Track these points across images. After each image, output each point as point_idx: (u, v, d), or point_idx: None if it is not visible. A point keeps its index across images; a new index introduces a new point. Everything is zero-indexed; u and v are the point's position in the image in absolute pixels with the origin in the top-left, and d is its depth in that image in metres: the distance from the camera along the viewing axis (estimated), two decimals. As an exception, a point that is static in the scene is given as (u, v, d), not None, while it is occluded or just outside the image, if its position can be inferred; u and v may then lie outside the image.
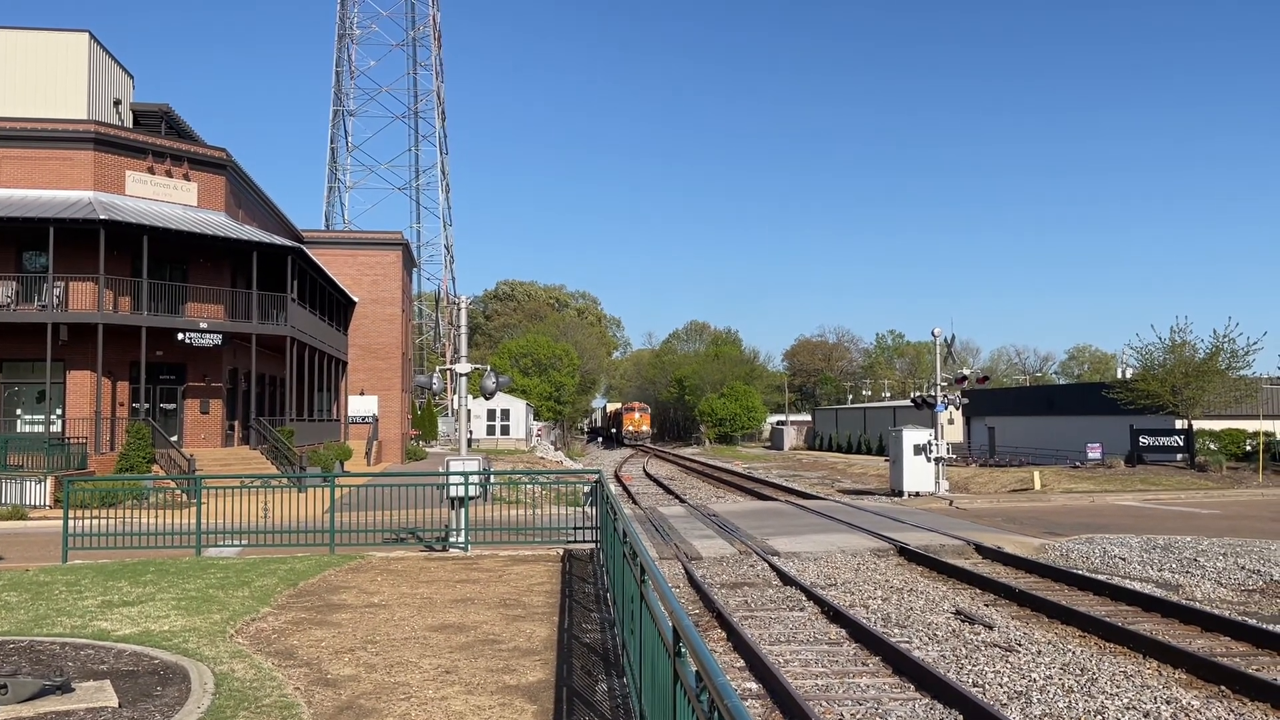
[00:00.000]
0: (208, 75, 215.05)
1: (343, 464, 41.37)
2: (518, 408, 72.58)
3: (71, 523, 16.66)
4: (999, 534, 21.19)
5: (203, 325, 33.67)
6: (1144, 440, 42.89)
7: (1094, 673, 10.24)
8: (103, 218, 30.63)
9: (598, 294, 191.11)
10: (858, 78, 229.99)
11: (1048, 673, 10.26)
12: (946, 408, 34.77)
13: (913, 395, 41.37)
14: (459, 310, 19.81)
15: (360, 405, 51.62)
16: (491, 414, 70.79)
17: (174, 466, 30.64)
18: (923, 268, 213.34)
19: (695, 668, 3.92)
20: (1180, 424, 43.51)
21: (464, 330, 19.42)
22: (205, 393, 35.83)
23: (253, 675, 8.68)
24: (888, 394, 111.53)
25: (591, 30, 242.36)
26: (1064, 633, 12.32)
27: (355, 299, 51.39)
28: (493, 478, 20.27)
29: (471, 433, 45.66)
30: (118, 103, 38.60)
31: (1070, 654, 11.07)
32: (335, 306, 48.45)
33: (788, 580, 15.90)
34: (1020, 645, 11.46)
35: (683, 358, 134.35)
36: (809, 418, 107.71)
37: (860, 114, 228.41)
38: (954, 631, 12.30)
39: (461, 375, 19.07)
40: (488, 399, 19.17)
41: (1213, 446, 42.79)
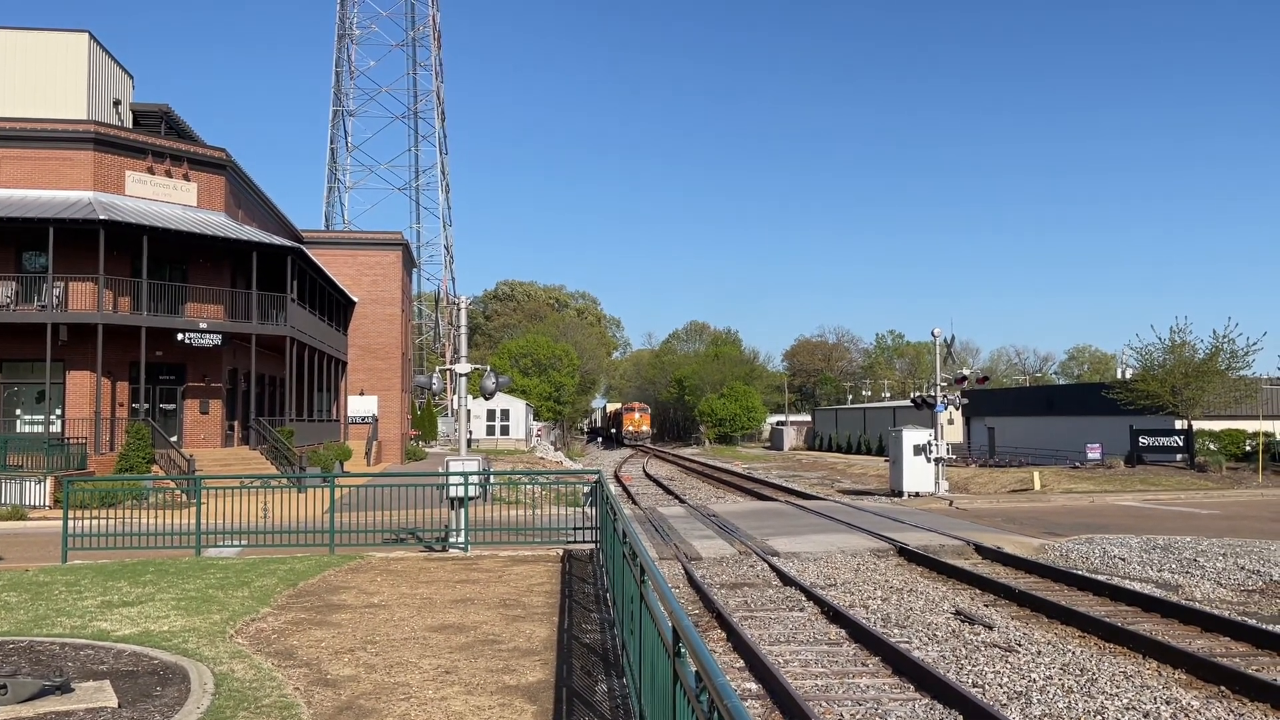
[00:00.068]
0: (208, 75, 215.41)
1: (342, 464, 41.38)
2: (517, 408, 72.60)
3: (71, 523, 16.67)
4: (999, 534, 21.19)
5: (202, 325, 33.68)
6: (1144, 440, 42.91)
7: (1094, 673, 10.25)
8: (102, 218, 30.63)
9: (597, 294, 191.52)
10: (857, 78, 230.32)
11: (1047, 673, 10.26)
12: (946, 408, 34.78)
13: (912, 395, 41.37)
14: (459, 310, 19.81)
15: (360, 405, 51.62)
16: (491, 414, 70.81)
17: (174, 467, 30.64)
18: (923, 268, 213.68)
19: (695, 668, 3.92)
20: (1180, 424, 43.53)
21: (464, 330, 19.42)
22: (205, 393, 35.83)
23: (252, 675, 8.68)
24: (887, 394, 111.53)
25: (591, 30, 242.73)
26: (1064, 633, 12.32)
27: (355, 299, 51.40)
28: (492, 478, 20.27)
29: (471, 433, 45.67)
30: (117, 103, 38.60)
31: (1070, 654, 11.07)
32: (335, 307, 48.46)
33: (787, 580, 15.90)
34: (1020, 645, 11.47)
35: (682, 358, 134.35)
36: (809, 418, 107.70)
37: (860, 114, 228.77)
38: (954, 632, 12.30)
39: (461, 375, 19.07)
40: (487, 399, 19.17)
41: (1212, 447, 42.81)
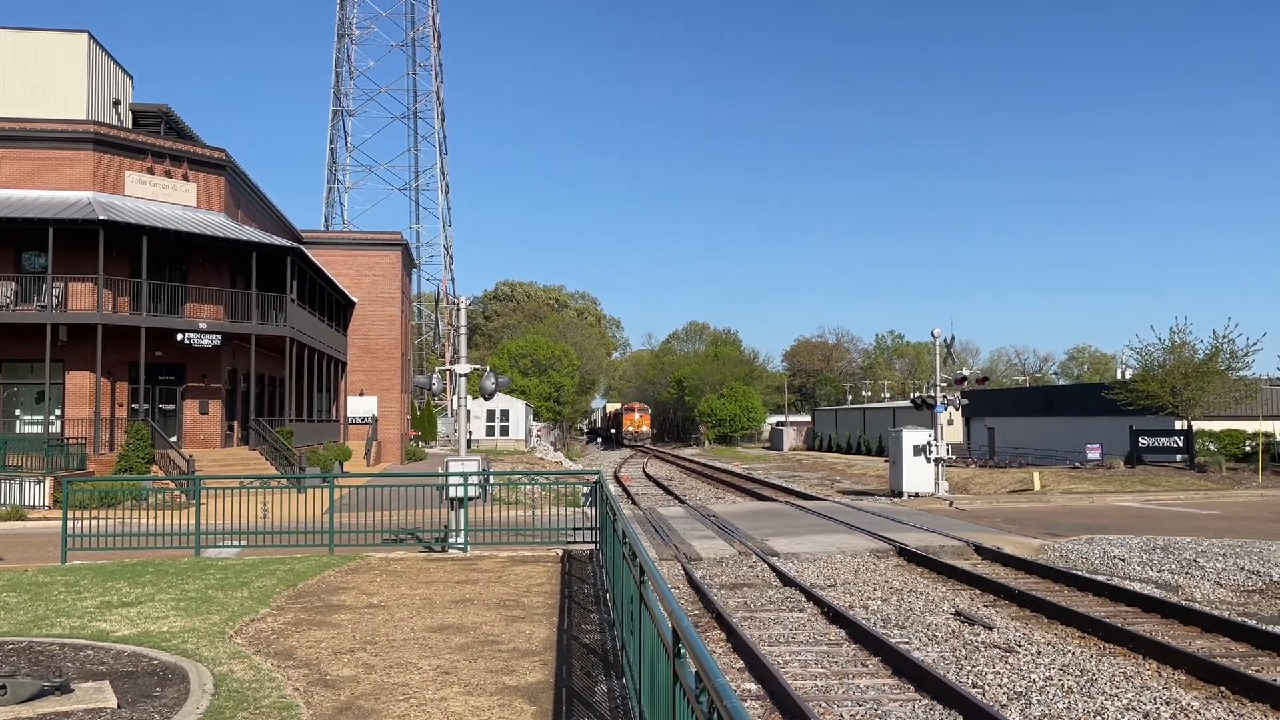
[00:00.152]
0: (208, 75, 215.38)
1: (342, 464, 41.37)
2: (517, 408, 72.60)
3: (70, 523, 16.67)
4: (998, 535, 21.18)
5: (202, 326, 33.67)
6: (1143, 441, 42.91)
7: (1093, 673, 10.24)
8: (102, 218, 30.62)
9: (597, 294, 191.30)
10: (857, 78, 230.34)
11: (1047, 673, 10.26)
12: (946, 408, 34.77)
13: (912, 396, 41.37)
14: (458, 311, 19.81)
15: (359, 406, 51.61)
16: (491, 414, 70.81)
17: (173, 467, 30.64)
18: (923, 268, 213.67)
19: (694, 668, 3.92)
20: (1180, 425, 43.54)
21: (463, 331, 19.42)
22: (204, 393, 35.82)
23: (252, 676, 8.68)
24: (887, 395, 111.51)
25: (591, 30, 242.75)
26: (1064, 633, 12.32)
27: (354, 299, 51.39)
28: (492, 478, 20.26)
29: (471, 433, 45.68)
30: (117, 103, 38.60)
31: (1070, 655, 11.07)
32: (334, 307, 48.45)
33: (787, 581, 15.89)
34: (1020, 646, 11.46)
35: (682, 358, 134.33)
36: (808, 418, 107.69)
37: (860, 114, 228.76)
38: (954, 632, 12.30)
39: (461, 376, 19.07)
40: (487, 399, 19.17)
41: (1212, 447, 42.82)
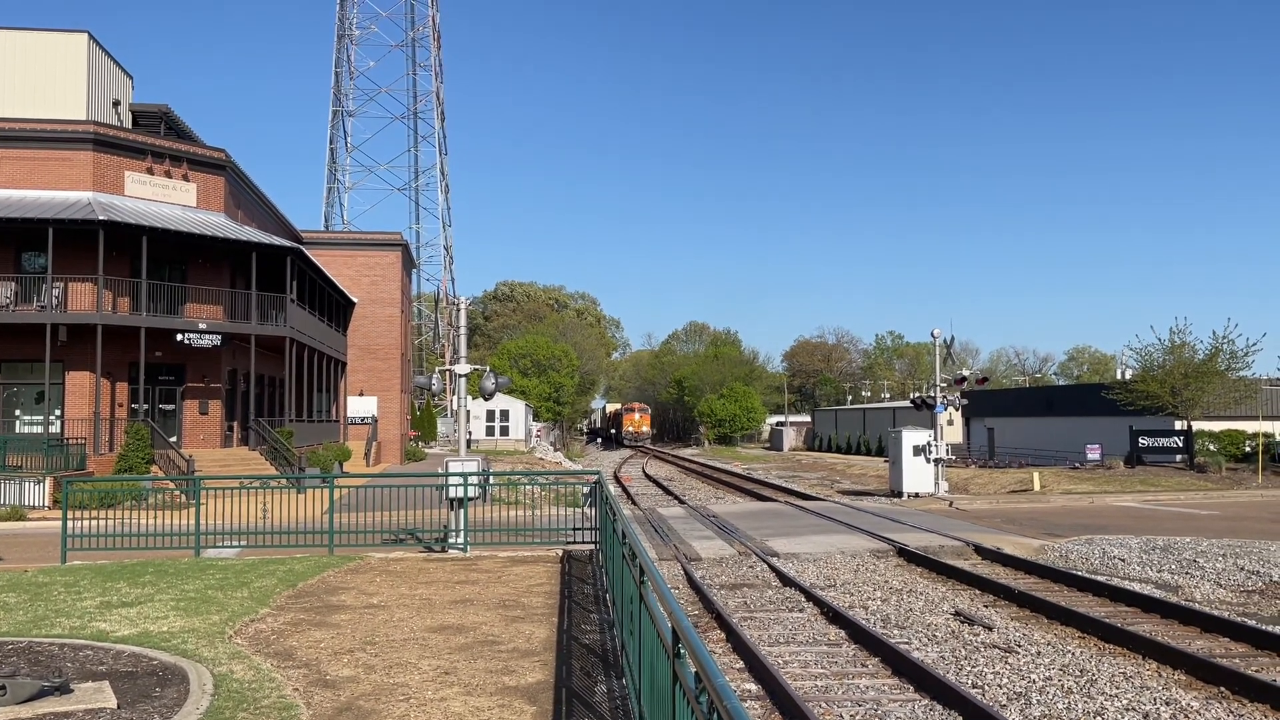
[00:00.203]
0: (208, 75, 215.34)
1: (342, 465, 41.37)
2: (517, 408, 72.61)
3: (70, 523, 16.67)
4: (998, 535, 21.18)
5: (202, 326, 33.67)
6: (1143, 441, 42.92)
7: (1093, 674, 10.24)
8: (102, 218, 30.62)
9: (597, 295, 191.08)
10: (857, 78, 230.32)
11: (1047, 674, 10.26)
12: (946, 409, 34.77)
13: (912, 396, 41.37)
14: (458, 311, 19.81)
15: (359, 406, 51.61)
16: (491, 415, 70.82)
17: (173, 467, 30.63)
18: (922, 268, 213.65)
19: (694, 669, 3.92)
20: (1180, 425, 43.56)
21: (463, 331, 19.42)
22: (204, 393, 35.82)
23: (251, 676, 8.68)
24: (887, 395, 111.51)
25: (590, 31, 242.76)
26: (1063, 633, 12.32)
27: (354, 300, 51.39)
28: (492, 479, 20.26)
29: (471, 433, 45.68)
30: (117, 103, 38.60)
31: (1070, 655, 11.07)
32: (334, 307, 48.45)
33: (787, 581, 15.89)
34: (1020, 646, 11.46)
35: (682, 358, 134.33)
36: (808, 419, 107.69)
37: (860, 114, 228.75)
38: (953, 632, 12.30)
39: (461, 376, 19.06)
40: (487, 400, 19.16)
41: (1212, 447, 42.83)
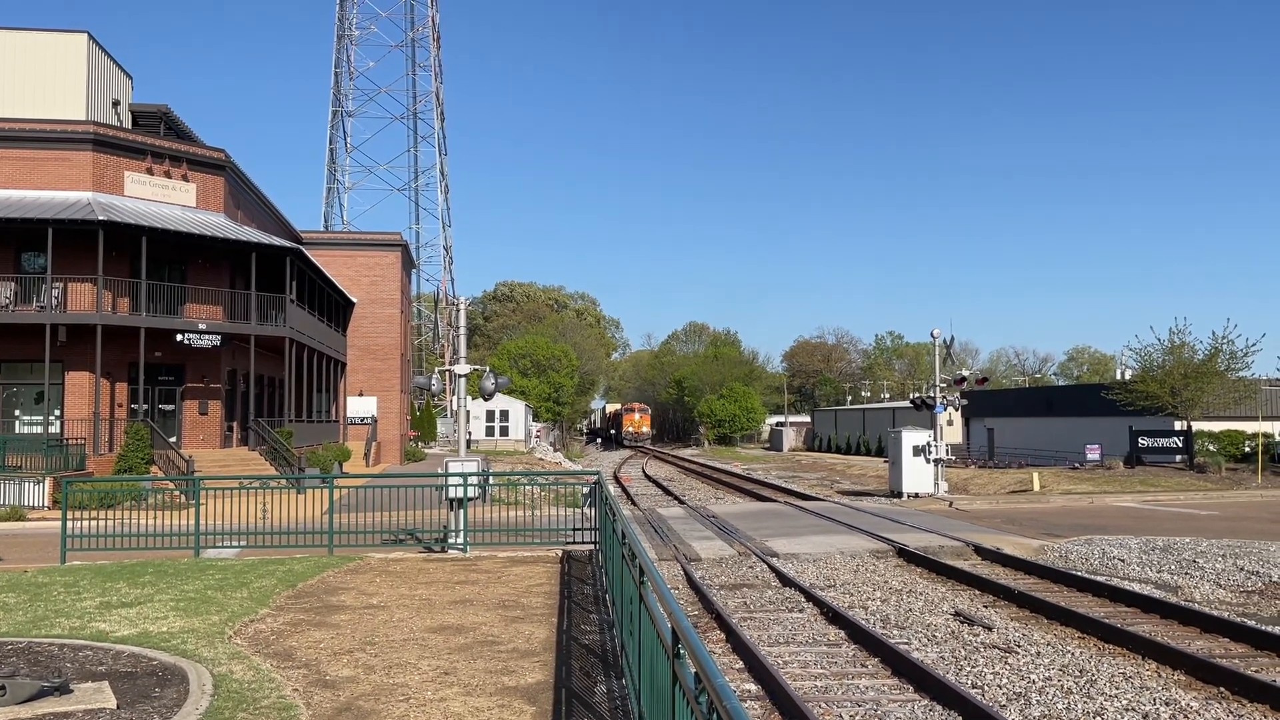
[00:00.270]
0: (208, 75, 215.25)
1: (341, 465, 41.36)
2: (517, 409, 72.63)
3: (70, 524, 16.67)
4: (998, 535, 21.19)
5: (201, 326, 33.66)
6: (1143, 441, 42.93)
7: (1093, 674, 10.24)
8: (101, 218, 30.62)
9: (597, 295, 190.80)
10: (857, 78, 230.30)
11: (1047, 674, 10.26)
12: (946, 409, 34.78)
13: (912, 396, 41.37)
14: (458, 311, 19.80)
15: (359, 406, 51.60)
16: (490, 415, 70.85)
17: (172, 467, 30.63)
18: (922, 268, 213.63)
19: (694, 669, 3.91)
20: (1179, 425, 43.56)
21: (463, 331, 19.41)
22: (204, 394, 35.81)
23: (251, 677, 8.68)
24: (887, 395, 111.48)
25: (590, 31, 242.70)
26: (1063, 634, 12.32)
27: (354, 300, 51.39)
28: (491, 479, 20.26)
29: (470, 434, 45.66)
30: (116, 103, 38.59)
31: (1069, 655, 11.07)
32: (334, 307, 48.44)
33: (787, 581, 15.89)
34: (1019, 646, 11.46)
35: (682, 359, 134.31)
36: (808, 419, 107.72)
37: (860, 115, 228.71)
38: (953, 633, 12.30)
39: (460, 376, 19.06)
40: (487, 400, 19.16)
41: (1212, 448, 42.83)
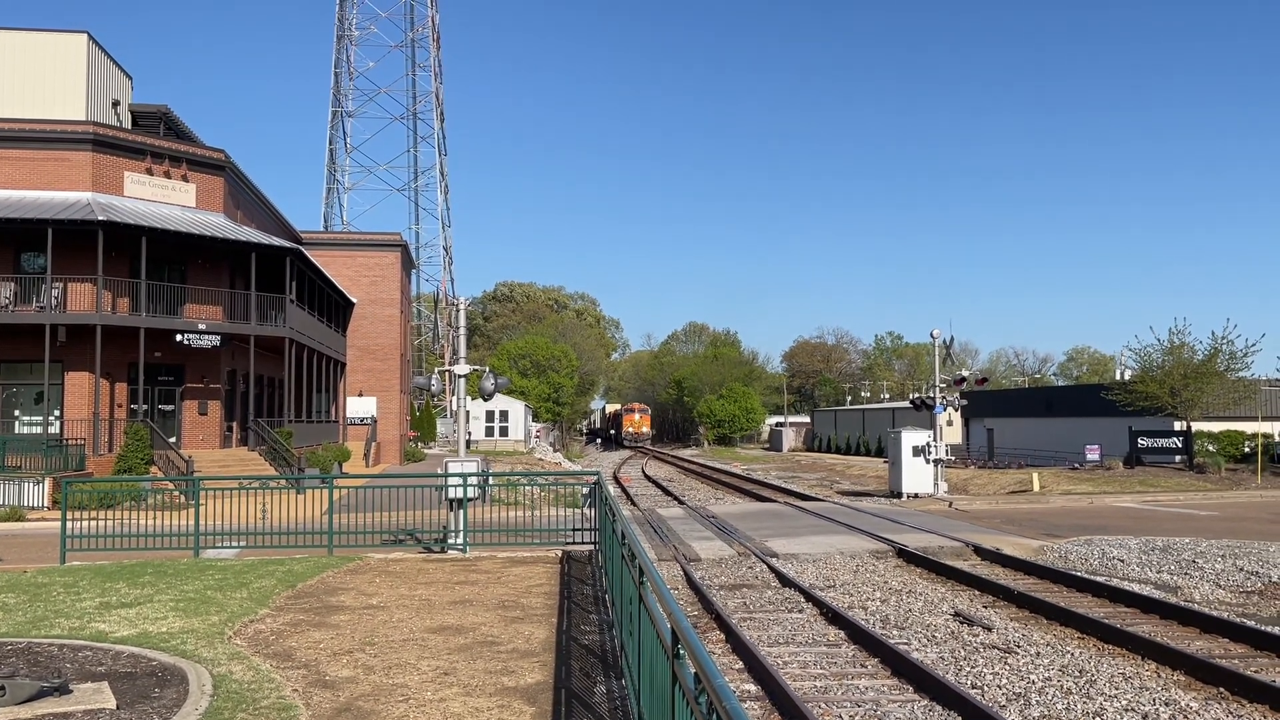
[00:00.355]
0: (207, 75, 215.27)
1: (341, 465, 41.35)
2: (516, 409, 72.62)
3: (69, 524, 16.66)
4: (998, 535, 21.19)
5: (201, 326, 33.66)
6: (1142, 442, 42.93)
7: (1093, 674, 10.24)
8: (101, 219, 30.61)
9: (596, 295, 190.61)
10: (857, 79, 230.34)
11: (1046, 674, 10.26)
12: (945, 409, 34.79)
13: (911, 397, 41.37)
14: (458, 311, 19.80)
15: (359, 406, 51.59)
16: (490, 415, 70.86)
17: (172, 468, 30.62)
18: (922, 268, 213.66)
19: (694, 669, 3.91)
20: (1179, 426, 43.56)
21: (463, 331, 19.41)
22: (203, 394, 35.81)
23: (251, 677, 8.67)
24: (886, 395, 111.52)
25: (591, 30, 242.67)
26: (1063, 634, 12.32)
27: (354, 300, 51.38)
28: (491, 479, 20.25)
29: (470, 434, 45.67)
30: (116, 103, 38.59)
31: (1069, 655, 11.07)
32: (334, 308, 48.43)
33: (786, 582, 15.89)
34: (1019, 647, 11.46)
35: (681, 359, 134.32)
36: (808, 419, 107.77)
37: (860, 115, 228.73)
38: (953, 633, 12.30)
39: (460, 377, 19.06)
40: (486, 400, 19.17)
41: (1211, 448, 42.83)
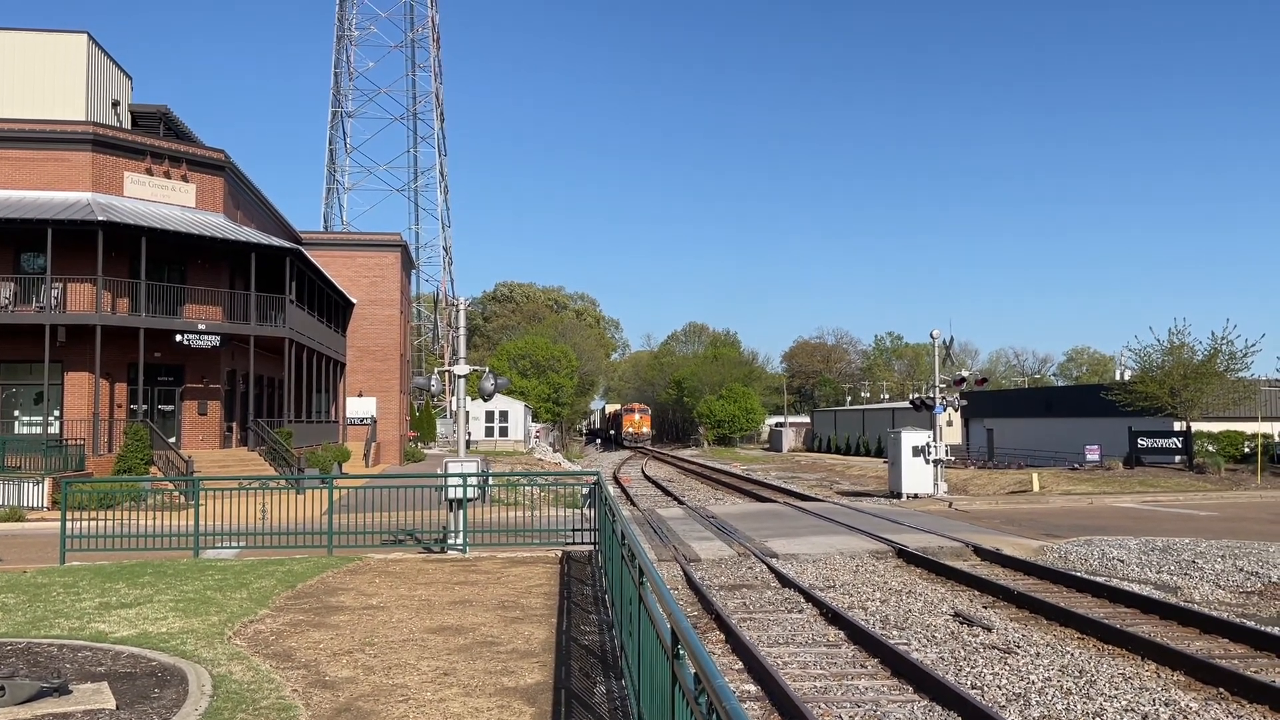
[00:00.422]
0: (207, 75, 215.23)
1: (341, 465, 41.35)
2: (516, 409, 72.63)
3: (69, 524, 16.66)
4: (997, 536, 21.19)
5: (201, 326, 33.65)
6: (1142, 442, 42.93)
7: (1092, 674, 10.24)
8: (101, 219, 30.61)
9: (596, 295, 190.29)
10: (857, 79, 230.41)
11: (1046, 674, 10.26)
12: (945, 409, 34.79)
13: (911, 397, 41.36)
14: (457, 312, 19.80)
15: (358, 407, 51.59)
16: (490, 415, 70.86)
17: (172, 468, 30.61)
18: (922, 269, 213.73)
19: (693, 670, 3.91)
20: (1178, 426, 43.56)
21: (462, 332, 19.41)
22: (203, 394, 35.80)
23: (250, 677, 8.67)
24: (886, 396, 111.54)
25: (591, 31, 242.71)
26: (1062, 634, 12.32)
27: (354, 300, 51.37)
28: (491, 479, 20.25)
29: (470, 434, 45.68)
30: (116, 104, 38.59)
31: (1069, 656, 11.07)
32: (333, 308, 48.42)
33: (786, 582, 15.89)
34: (1019, 647, 11.46)
35: (681, 359, 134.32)
36: (807, 419, 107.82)
37: (859, 115, 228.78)
38: (953, 633, 12.30)
39: (460, 377, 19.06)
40: (486, 400, 19.17)
41: (1211, 448, 42.83)
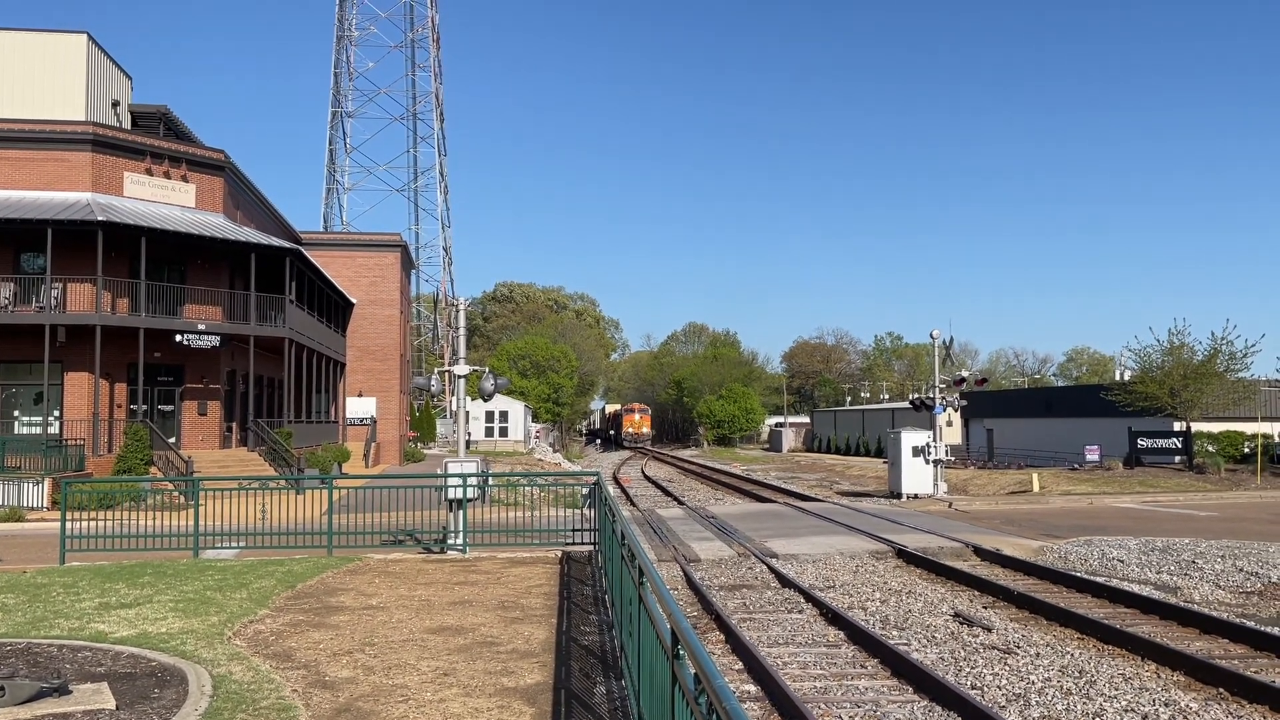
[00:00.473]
0: (207, 75, 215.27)
1: (341, 466, 41.34)
2: (516, 409, 72.63)
3: (69, 525, 16.66)
4: (997, 536, 21.19)
5: (201, 327, 33.65)
6: (1142, 442, 42.93)
7: (1092, 675, 10.24)
8: (100, 219, 30.61)
9: (596, 295, 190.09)
10: (857, 79, 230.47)
11: (1046, 675, 10.25)
12: (945, 409, 34.79)
13: (911, 397, 41.37)
14: (457, 312, 19.81)
15: (358, 407, 51.58)
16: (490, 416, 70.87)
17: (172, 468, 30.61)
18: (922, 269, 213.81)
19: (693, 670, 3.91)
20: (1178, 426, 43.57)
21: (462, 332, 19.42)
22: (203, 394, 35.80)
23: (250, 677, 8.67)
24: (886, 396, 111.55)
25: (591, 30, 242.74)
26: (1062, 635, 12.32)
27: (353, 300, 51.37)
28: (491, 480, 20.24)
29: (470, 435, 45.66)
30: (116, 104, 38.58)
31: (1069, 656, 11.07)
32: (333, 308, 48.42)
33: (786, 582, 15.89)
34: (1019, 647, 11.46)
35: (681, 359, 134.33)
36: (807, 420, 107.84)
37: (859, 115, 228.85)
38: (952, 634, 12.30)
39: (460, 377, 19.06)
40: (486, 401, 19.18)
41: (1211, 449, 42.84)
